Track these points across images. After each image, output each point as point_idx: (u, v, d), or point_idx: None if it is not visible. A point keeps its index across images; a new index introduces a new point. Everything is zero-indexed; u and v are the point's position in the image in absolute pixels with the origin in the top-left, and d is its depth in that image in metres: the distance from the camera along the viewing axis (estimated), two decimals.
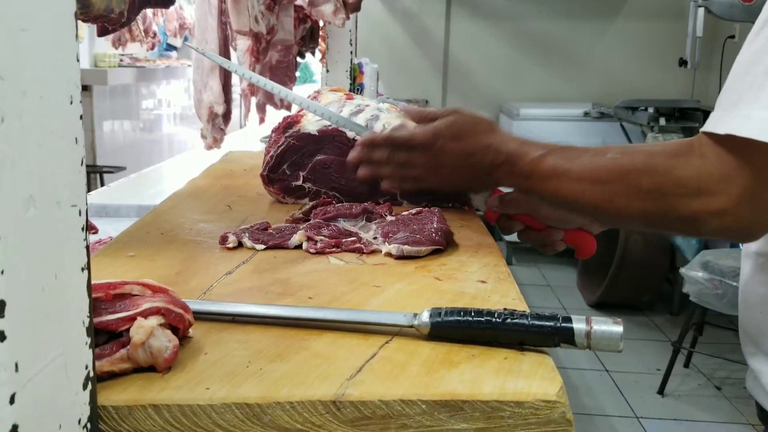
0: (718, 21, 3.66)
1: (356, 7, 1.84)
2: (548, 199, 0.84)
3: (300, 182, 1.04)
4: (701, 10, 3.47)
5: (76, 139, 0.38)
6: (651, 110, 3.67)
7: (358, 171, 0.95)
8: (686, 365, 3.01)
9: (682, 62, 3.81)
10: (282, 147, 1.03)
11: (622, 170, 0.74)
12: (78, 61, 0.38)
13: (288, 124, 1.03)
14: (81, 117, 0.38)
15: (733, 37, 4.14)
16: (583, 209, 0.81)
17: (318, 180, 1.03)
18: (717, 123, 0.66)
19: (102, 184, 3.56)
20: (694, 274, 2.65)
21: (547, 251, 0.94)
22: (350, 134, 1.02)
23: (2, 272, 0.32)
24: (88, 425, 0.40)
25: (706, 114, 3.58)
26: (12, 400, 0.33)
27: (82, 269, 0.39)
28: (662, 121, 3.61)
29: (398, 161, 0.92)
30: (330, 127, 1.02)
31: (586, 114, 4.36)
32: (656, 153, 0.73)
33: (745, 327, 0.82)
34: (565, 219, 0.89)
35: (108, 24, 1.21)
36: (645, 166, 0.72)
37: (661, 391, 2.80)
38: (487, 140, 0.87)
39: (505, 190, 0.94)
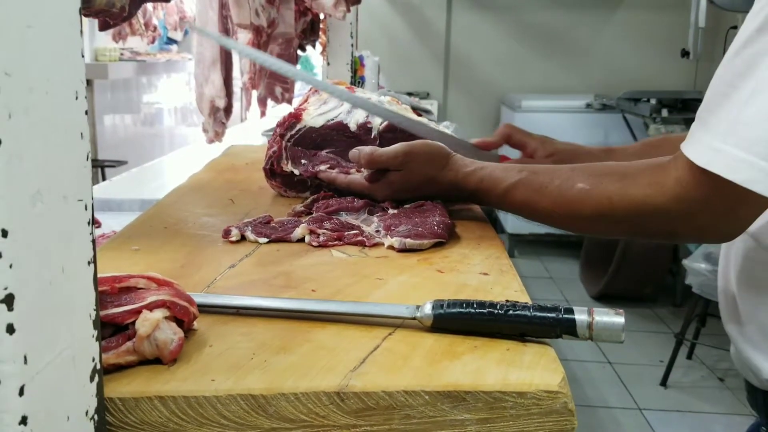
0: (720, 11, 3.65)
1: (357, 0, 1.84)
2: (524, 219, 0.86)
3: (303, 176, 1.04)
4: (703, 1, 3.46)
5: (81, 134, 0.38)
6: (653, 101, 3.67)
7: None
8: (689, 357, 3.02)
9: (685, 53, 3.81)
10: (284, 142, 1.03)
11: (596, 204, 0.74)
12: (83, 56, 0.39)
13: (290, 121, 1.03)
14: (86, 112, 0.39)
15: (735, 27, 4.12)
16: (560, 229, 0.82)
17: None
18: (694, 148, 0.66)
19: (104, 178, 3.56)
20: (696, 265, 2.65)
21: None
22: (353, 128, 1.02)
23: (11, 266, 0.33)
24: (96, 417, 0.41)
25: None
26: (21, 392, 0.34)
27: (89, 263, 0.40)
28: (665, 113, 3.61)
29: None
30: (333, 122, 1.02)
31: (588, 106, 4.36)
32: (629, 182, 0.72)
33: (729, 299, 0.83)
34: None
35: (109, 19, 1.21)
36: (620, 198, 0.72)
37: (663, 382, 2.81)
38: (445, 180, 0.89)
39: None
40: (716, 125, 0.64)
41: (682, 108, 3.72)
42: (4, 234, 0.32)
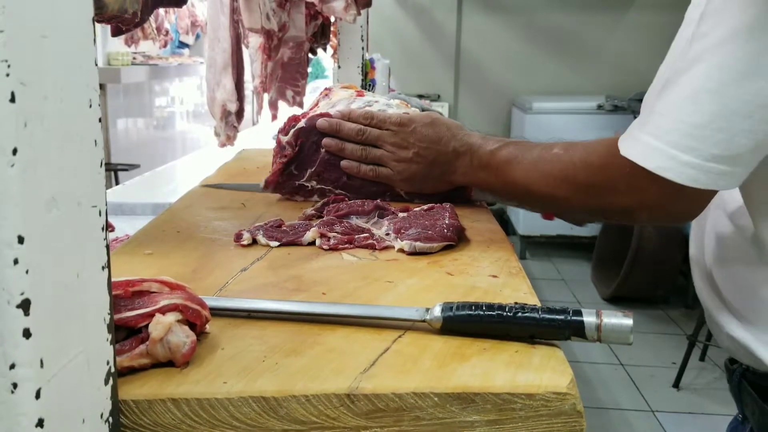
0: None
1: (367, 3, 1.84)
2: (500, 190, 0.94)
3: (305, 180, 1.04)
4: None
5: (95, 141, 0.39)
6: None
7: (324, 140, 1.02)
8: (702, 358, 3.00)
9: None
10: (288, 152, 1.03)
11: (562, 164, 0.81)
12: (96, 65, 0.39)
13: (291, 124, 1.04)
14: (100, 120, 0.39)
15: None
16: (532, 200, 0.89)
17: (325, 174, 1.03)
18: (631, 142, 0.70)
19: (117, 182, 3.58)
20: None
21: None
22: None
23: (27, 272, 0.33)
24: (110, 419, 0.42)
25: None
26: (38, 395, 0.34)
27: (103, 268, 0.40)
28: None
29: (367, 138, 1.00)
30: None
31: (599, 107, 4.34)
32: (592, 150, 0.78)
33: (705, 275, 0.84)
34: None
35: (122, 24, 1.22)
36: (582, 162, 0.78)
37: (676, 384, 2.80)
38: (454, 131, 0.98)
39: None
40: (647, 117, 0.68)
41: None
42: (20, 240, 0.33)
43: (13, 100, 0.32)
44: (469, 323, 0.56)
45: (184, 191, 1.15)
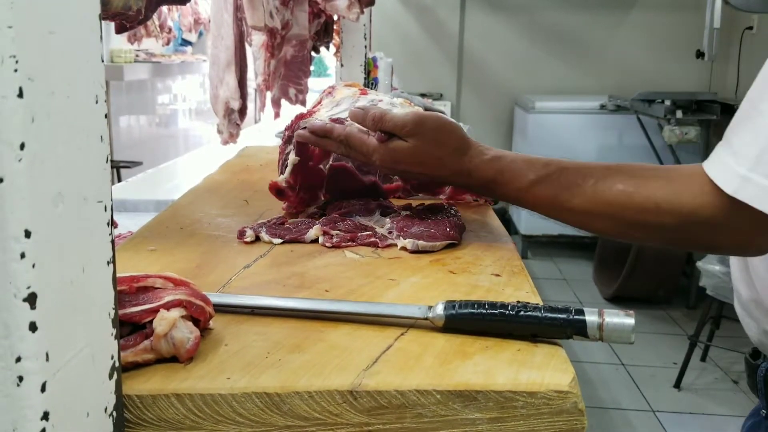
0: (735, 12, 3.63)
1: (370, 2, 1.84)
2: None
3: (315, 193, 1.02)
4: (719, 1, 3.44)
5: (101, 137, 0.39)
6: (668, 103, 3.65)
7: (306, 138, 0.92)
8: (703, 359, 3.00)
9: (700, 54, 3.78)
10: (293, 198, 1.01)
11: (640, 208, 0.70)
12: (102, 61, 0.40)
13: (297, 122, 1.03)
14: (106, 116, 0.40)
15: (751, 28, 4.10)
16: (587, 231, 0.78)
17: (333, 185, 1.00)
18: (722, 174, 0.65)
19: (119, 179, 3.59)
20: (710, 267, 2.64)
21: None
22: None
23: (33, 266, 0.34)
24: (114, 413, 0.42)
25: (723, 106, 3.55)
26: (43, 388, 0.35)
27: (108, 263, 0.41)
28: (679, 114, 3.59)
29: (353, 158, 0.89)
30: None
31: (602, 107, 4.34)
32: (680, 188, 0.69)
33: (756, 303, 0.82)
34: None
35: (126, 21, 1.23)
36: (669, 205, 0.68)
37: (677, 384, 2.80)
38: (456, 165, 0.80)
39: None
40: (743, 151, 0.63)
41: (697, 109, 3.70)
42: (27, 234, 0.33)
43: (21, 95, 0.32)
44: (472, 321, 0.56)
45: (187, 188, 1.15)
